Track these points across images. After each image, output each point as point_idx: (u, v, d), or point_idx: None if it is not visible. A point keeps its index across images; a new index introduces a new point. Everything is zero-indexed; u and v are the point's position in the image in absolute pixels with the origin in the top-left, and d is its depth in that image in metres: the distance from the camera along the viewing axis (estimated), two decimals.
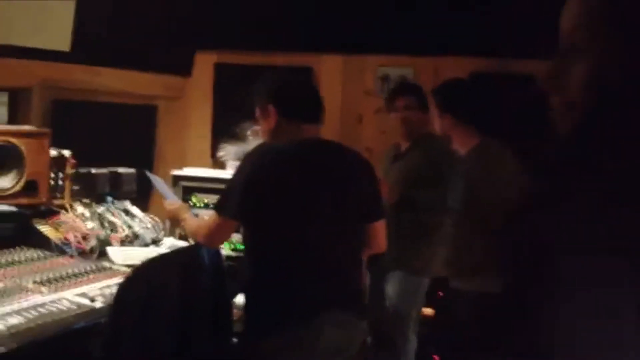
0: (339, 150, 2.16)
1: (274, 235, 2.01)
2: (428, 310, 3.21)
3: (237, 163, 3.33)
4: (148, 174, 2.74)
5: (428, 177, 2.91)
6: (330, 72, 3.79)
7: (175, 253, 2.08)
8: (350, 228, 2.10)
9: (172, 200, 2.52)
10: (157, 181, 2.66)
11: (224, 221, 2.05)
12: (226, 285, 2.17)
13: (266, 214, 2.00)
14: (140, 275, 1.74)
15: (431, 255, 2.96)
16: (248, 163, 2.05)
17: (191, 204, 3.18)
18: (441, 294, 3.15)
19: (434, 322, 3.10)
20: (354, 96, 3.81)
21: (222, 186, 3.03)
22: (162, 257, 1.96)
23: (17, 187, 2.43)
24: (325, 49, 3.74)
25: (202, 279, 2.05)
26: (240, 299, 2.26)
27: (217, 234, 2.10)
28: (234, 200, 2.01)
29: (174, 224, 2.50)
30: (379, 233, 2.22)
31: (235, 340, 2.15)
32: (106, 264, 2.28)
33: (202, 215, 2.44)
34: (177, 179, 3.25)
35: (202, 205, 3.21)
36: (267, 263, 2.03)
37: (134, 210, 2.78)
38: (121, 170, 2.91)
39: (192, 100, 3.94)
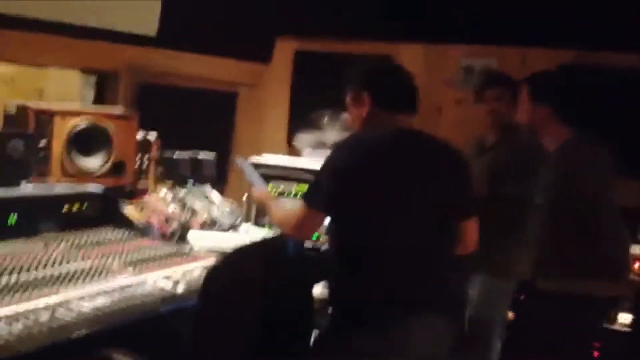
0: (433, 143, 2.07)
1: (365, 230, 1.94)
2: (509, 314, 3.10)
3: (312, 150, 3.37)
4: (238, 159, 2.75)
5: (516, 172, 2.79)
6: (411, 61, 3.68)
7: (261, 243, 2.06)
8: (443, 225, 2.02)
9: (260, 187, 2.49)
10: (247, 167, 2.65)
11: (313, 213, 1.99)
12: (309, 277, 2.14)
13: (357, 207, 1.93)
14: (226, 264, 1.74)
15: (518, 256, 2.85)
16: (339, 153, 1.98)
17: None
18: (523, 296, 3.05)
19: (514, 326, 2.98)
20: (434, 86, 3.72)
21: (298, 175, 3.07)
22: (248, 247, 1.93)
23: (106, 168, 2.49)
24: (406, 38, 3.66)
25: (287, 270, 2.03)
26: (317, 289, 2.24)
27: (306, 226, 2.04)
28: (323, 192, 1.95)
29: (261, 212, 2.48)
30: (471, 231, 2.13)
31: (317, 333, 2.12)
32: (186, 248, 2.30)
33: (289, 204, 2.42)
34: (253, 166, 3.26)
35: (276, 193, 3.21)
36: (356, 258, 1.96)
37: (214, 194, 2.80)
38: (202, 155, 2.94)
39: (271, 87, 3.94)
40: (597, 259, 2.42)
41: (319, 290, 2.23)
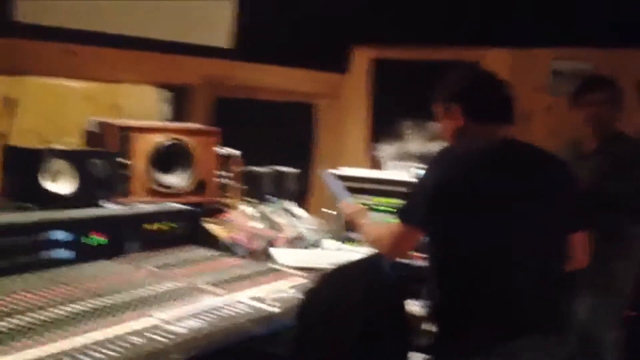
0: (537, 153, 1.93)
1: (467, 247, 1.81)
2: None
3: (395, 162, 3.25)
4: (323, 173, 2.66)
5: (625, 181, 2.58)
6: (498, 67, 3.52)
7: (358, 262, 1.95)
8: (552, 240, 1.87)
9: (348, 201, 2.39)
10: (332, 180, 2.55)
11: (410, 230, 1.88)
12: (405, 296, 2.01)
13: (457, 223, 1.81)
14: (325, 284, 1.63)
15: (629, 272, 2.64)
16: (437, 166, 1.87)
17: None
18: (634, 313, 2.81)
19: (628, 347, 2.74)
20: (523, 92, 3.52)
21: (379, 187, 2.95)
22: (345, 266, 1.82)
23: (188, 185, 2.44)
24: (492, 43, 3.49)
25: (383, 290, 1.91)
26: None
27: (401, 244, 1.93)
28: (421, 207, 1.84)
29: (350, 228, 2.37)
30: (581, 245, 1.98)
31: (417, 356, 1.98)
32: (274, 266, 2.20)
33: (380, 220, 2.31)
34: (338, 179, 3.15)
35: None
36: (458, 278, 1.84)
37: (298, 210, 2.71)
38: (284, 169, 2.86)
39: (350, 97, 3.84)
40: None
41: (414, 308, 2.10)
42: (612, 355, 2.70)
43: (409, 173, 2.93)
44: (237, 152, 2.62)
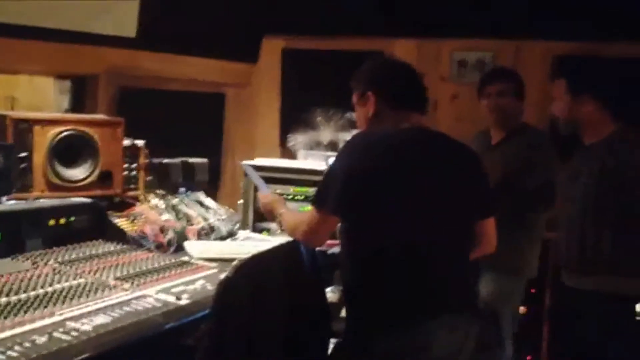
0: (445, 141, 1.98)
1: (379, 232, 1.84)
2: (520, 309, 3.01)
3: (307, 151, 3.26)
4: (242, 164, 2.64)
5: (529, 168, 2.70)
6: (404, 57, 3.59)
7: (275, 250, 1.94)
8: (460, 225, 1.93)
9: (266, 192, 2.38)
10: (252, 172, 2.55)
11: (325, 216, 1.89)
12: (323, 283, 2.02)
13: (369, 208, 1.83)
14: (242, 273, 1.60)
15: (531, 253, 2.77)
16: (348, 152, 1.89)
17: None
18: (533, 290, 2.97)
19: (526, 321, 2.89)
20: (429, 82, 3.61)
21: (292, 176, 2.95)
22: (262, 254, 1.81)
23: (92, 178, 2.34)
24: (398, 33, 3.57)
25: (302, 277, 1.91)
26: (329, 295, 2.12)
27: (318, 231, 1.93)
28: (333, 194, 1.84)
29: (268, 218, 2.36)
30: (490, 232, 2.05)
31: (335, 341, 2.00)
32: (185, 258, 2.16)
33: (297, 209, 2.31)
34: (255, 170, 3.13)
35: None
36: (371, 261, 1.86)
37: (208, 201, 2.66)
38: (194, 160, 2.80)
39: (260, 87, 3.82)
40: (634, 256, 2.36)
41: (331, 294, 2.12)
42: (513, 330, 2.85)
43: (322, 161, 2.95)
44: (142, 143, 2.54)
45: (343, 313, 2.03)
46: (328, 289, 2.14)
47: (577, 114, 2.46)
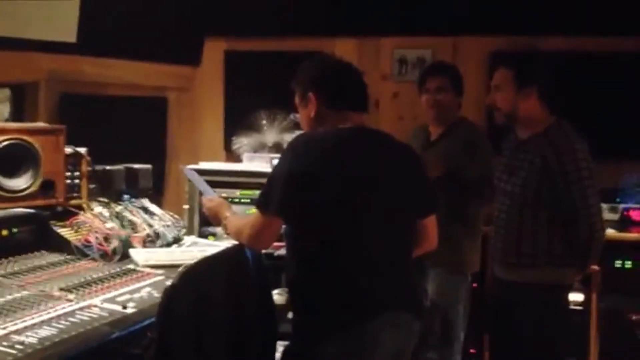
0: (386, 140, 2.02)
1: (322, 232, 1.87)
2: None
3: (252, 154, 3.28)
4: (183, 168, 2.62)
5: (468, 163, 2.74)
6: (345, 56, 3.65)
7: (220, 255, 1.94)
8: (402, 223, 1.97)
9: (210, 196, 2.37)
10: (194, 176, 2.54)
11: (269, 218, 1.90)
12: (269, 286, 2.05)
13: (311, 210, 1.86)
14: (187, 279, 1.62)
15: (472, 248, 2.85)
16: (289, 154, 1.90)
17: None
18: (475, 285, 3.06)
19: (470, 315, 2.98)
20: (370, 81, 3.67)
21: (238, 179, 2.98)
22: (207, 259, 1.82)
23: (33, 188, 2.31)
24: (338, 33, 3.62)
25: (248, 280, 1.94)
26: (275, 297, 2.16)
27: (262, 234, 1.93)
28: (277, 195, 1.86)
29: (213, 223, 2.35)
30: (431, 229, 2.09)
31: (282, 344, 2.04)
32: (130, 266, 2.17)
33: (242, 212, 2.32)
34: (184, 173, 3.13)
35: None
36: (316, 262, 1.90)
37: (153, 207, 2.65)
38: (137, 166, 2.78)
39: (203, 90, 3.82)
40: (569, 247, 2.44)
41: (277, 297, 2.16)
42: (463, 325, 2.90)
43: (267, 163, 2.98)
44: (85, 150, 2.51)
45: (290, 315, 2.06)
46: (275, 292, 2.17)
47: (519, 106, 2.49)
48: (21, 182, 2.30)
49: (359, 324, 1.82)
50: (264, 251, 2.23)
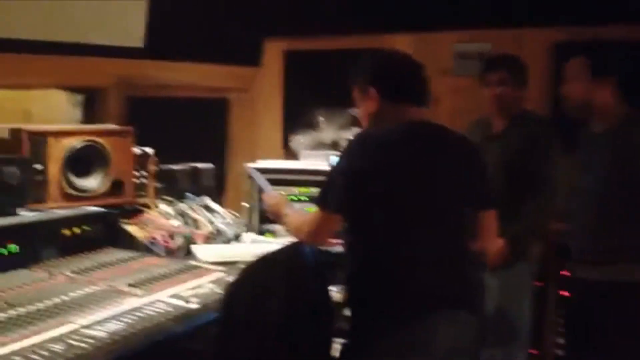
0: (447, 134, 2.01)
1: (380, 229, 1.88)
2: None
3: (310, 152, 3.32)
4: (247, 167, 2.70)
5: (529, 156, 2.68)
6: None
7: (279, 252, 1.99)
8: (461, 218, 1.97)
9: (271, 194, 2.43)
10: (256, 174, 2.61)
11: (328, 215, 1.92)
12: (328, 282, 2.08)
13: (371, 206, 1.87)
14: (248, 276, 1.68)
15: (533, 244, 2.80)
16: (349, 151, 1.91)
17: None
18: (540, 283, 2.98)
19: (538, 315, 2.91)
20: (429, 76, 3.66)
21: (295, 177, 3.03)
22: (267, 257, 1.87)
23: (104, 187, 2.43)
24: (396, 29, 3.60)
25: (306, 277, 1.97)
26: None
27: (322, 231, 1.96)
28: (337, 193, 1.88)
29: (274, 220, 2.41)
30: (491, 223, 2.07)
31: (339, 339, 2.07)
32: (193, 262, 2.25)
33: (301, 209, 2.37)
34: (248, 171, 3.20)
35: None
36: (373, 258, 1.91)
37: (214, 206, 2.75)
38: (200, 165, 2.88)
39: (263, 90, 3.88)
40: None
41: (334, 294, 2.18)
42: (526, 325, 2.84)
43: (324, 161, 3.02)
44: (151, 151, 2.62)
45: (347, 312, 2.09)
46: (333, 288, 2.21)
47: (593, 97, 2.40)
48: (93, 182, 2.43)
49: (415, 321, 1.83)
50: (321, 248, 2.28)
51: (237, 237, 2.64)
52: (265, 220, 2.92)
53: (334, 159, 2.07)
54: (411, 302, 1.85)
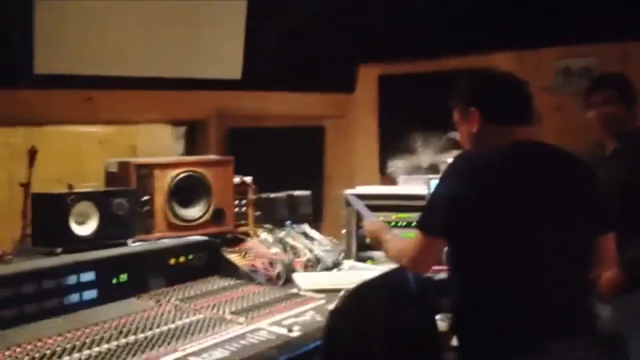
0: (554, 154, 1.90)
1: (487, 254, 1.79)
2: None
3: (407, 177, 3.27)
4: (345, 193, 2.70)
5: None
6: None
7: (381, 278, 1.95)
8: (578, 243, 1.84)
9: (371, 219, 2.40)
10: (355, 200, 2.61)
11: (431, 241, 1.86)
12: (433, 310, 2.02)
13: (476, 230, 1.78)
14: (350, 303, 1.65)
15: None
16: (452, 174, 1.85)
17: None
18: None
19: None
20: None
21: (393, 203, 2.98)
22: (368, 283, 1.84)
23: (206, 216, 2.49)
24: (494, 48, 3.50)
25: (410, 305, 1.92)
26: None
27: (425, 257, 1.90)
28: (440, 217, 1.82)
29: (374, 246, 2.38)
30: (610, 248, 1.94)
31: None
32: (293, 290, 2.25)
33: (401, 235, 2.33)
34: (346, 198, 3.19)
35: None
36: (481, 286, 1.82)
37: (313, 233, 2.75)
38: (297, 193, 2.90)
39: (358, 116, 3.88)
40: None
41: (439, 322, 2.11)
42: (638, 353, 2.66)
43: (423, 186, 2.96)
44: (250, 180, 2.67)
45: (453, 342, 2.01)
46: (437, 317, 2.13)
47: None
48: (195, 212, 2.50)
49: (530, 352, 1.72)
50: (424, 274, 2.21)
51: (336, 265, 2.61)
52: (364, 247, 2.89)
53: (434, 182, 2.01)
54: (525, 332, 1.75)
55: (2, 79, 2.42)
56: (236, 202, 2.64)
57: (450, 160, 1.94)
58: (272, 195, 2.81)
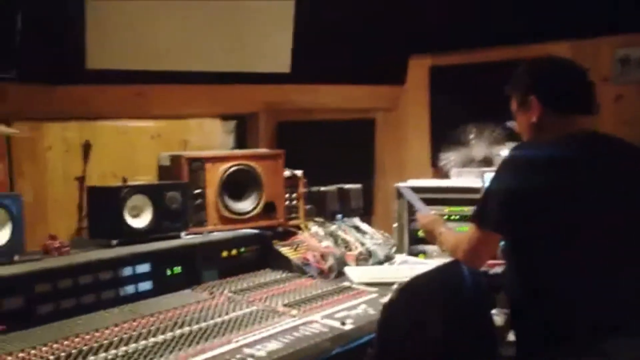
0: (621, 147, 1.83)
1: (546, 249, 1.73)
2: None
3: (460, 169, 3.21)
4: (399, 186, 2.67)
5: None
6: None
7: (435, 271, 1.91)
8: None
9: (425, 212, 2.36)
10: (409, 193, 2.58)
11: (486, 234, 1.82)
12: (488, 304, 1.97)
13: (534, 225, 1.73)
14: (404, 296, 1.62)
15: None
16: (509, 165, 1.79)
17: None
18: None
19: None
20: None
21: (446, 196, 2.93)
22: (423, 276, 1.80)
23: (257, 210, 2.50)
24: (549, 37, 3.39)
25: (465, 299, 1.88)
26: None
27: (480, 250, 1.86)
28: (495, 210, 1.77)
29: (428, 240, 2.34)
30: None
31: None
32: (345, 284, 2.23)
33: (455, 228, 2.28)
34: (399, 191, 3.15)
35: None
36: (538, 281, 1.77)
37: (364, 226, 2.73)
38: (348, 186, 2.88)
39: (408, 108, 3.82)
40: None
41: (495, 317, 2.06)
42: None
43: (477, 178, 2.90)
44: (301, 173, 2.66)
45: (510, 337, 1.96)
46: (492, 312, 2.07)
47: None
48: (247, 205, 2.50)
49: (589, 351, 1.65)
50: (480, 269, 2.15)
51: (388, 258, 2.58)
52: (416, 240, 2.85)
53: (488, 175, 1.96)
54: (584, 329, 1.68)
55: (55, 76, 2.48)
56: (287, 195, 2.63)
57: (506, 152, 1.88)
58: (323, 188, 2.80)
